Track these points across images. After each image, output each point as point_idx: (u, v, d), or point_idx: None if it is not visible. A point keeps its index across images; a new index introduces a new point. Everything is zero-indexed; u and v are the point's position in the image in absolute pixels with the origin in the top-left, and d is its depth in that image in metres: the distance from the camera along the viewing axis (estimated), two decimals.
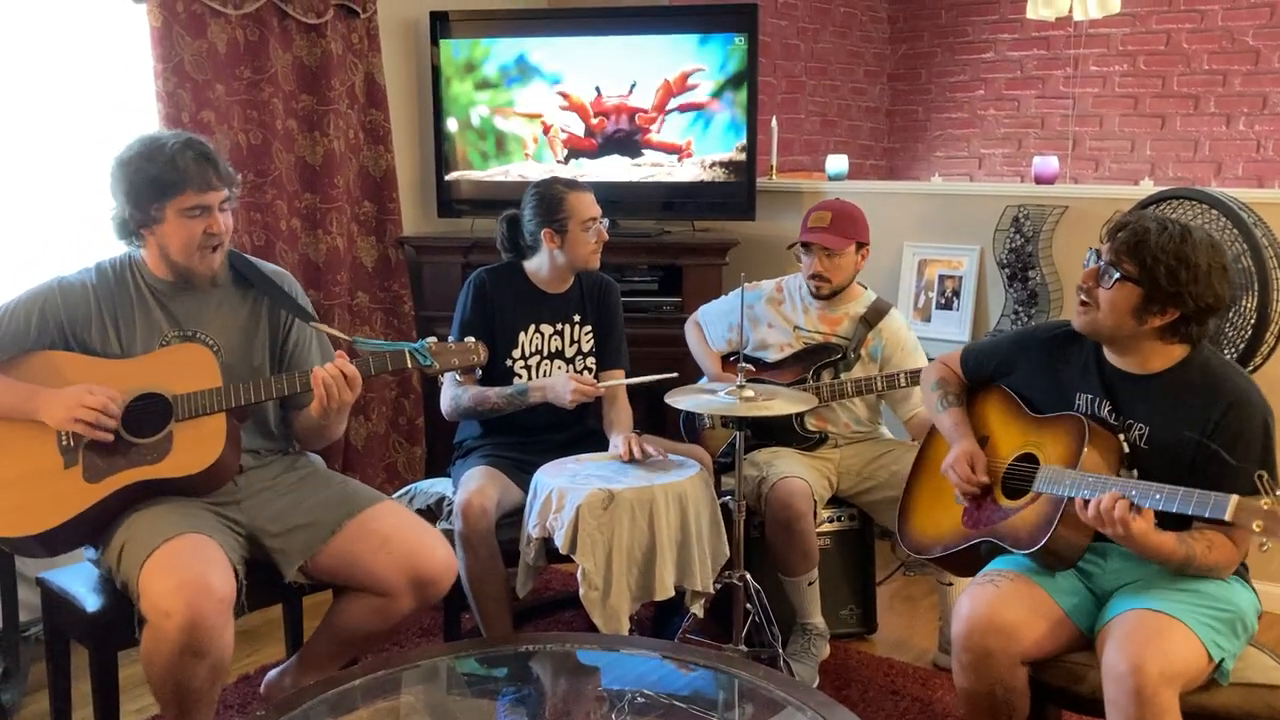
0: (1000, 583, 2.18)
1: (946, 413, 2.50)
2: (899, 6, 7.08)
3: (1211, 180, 5.93)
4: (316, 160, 3.83)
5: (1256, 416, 2.09)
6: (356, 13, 3.87)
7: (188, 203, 2.32)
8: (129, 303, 2.41)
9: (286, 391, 2.38)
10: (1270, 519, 1.83)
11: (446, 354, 2.44)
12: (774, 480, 2.97)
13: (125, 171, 2.33)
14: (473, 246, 4.13)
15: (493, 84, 4.20)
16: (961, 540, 2.36)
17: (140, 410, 2.32)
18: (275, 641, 3.08)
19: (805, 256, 3.16)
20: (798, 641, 3.08)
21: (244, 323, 2.51)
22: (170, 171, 2.29)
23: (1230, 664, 2.04)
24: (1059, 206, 3.72)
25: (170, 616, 2.09)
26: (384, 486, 4.05)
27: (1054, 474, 2.17)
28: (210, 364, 2.37)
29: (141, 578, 2.16)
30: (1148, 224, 2.10)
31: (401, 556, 2.37)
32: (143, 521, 2.27)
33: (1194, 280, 2.05)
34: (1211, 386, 2.11)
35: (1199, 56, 6.00)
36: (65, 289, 2.39)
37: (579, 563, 2.62)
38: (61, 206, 3.27)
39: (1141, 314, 2.10)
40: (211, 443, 2.32)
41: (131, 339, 2.40)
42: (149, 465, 2.30)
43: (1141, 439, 2.18)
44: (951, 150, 6.97)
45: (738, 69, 4.08)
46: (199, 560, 2.17)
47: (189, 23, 3.40)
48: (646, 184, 4.19)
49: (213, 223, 2.36)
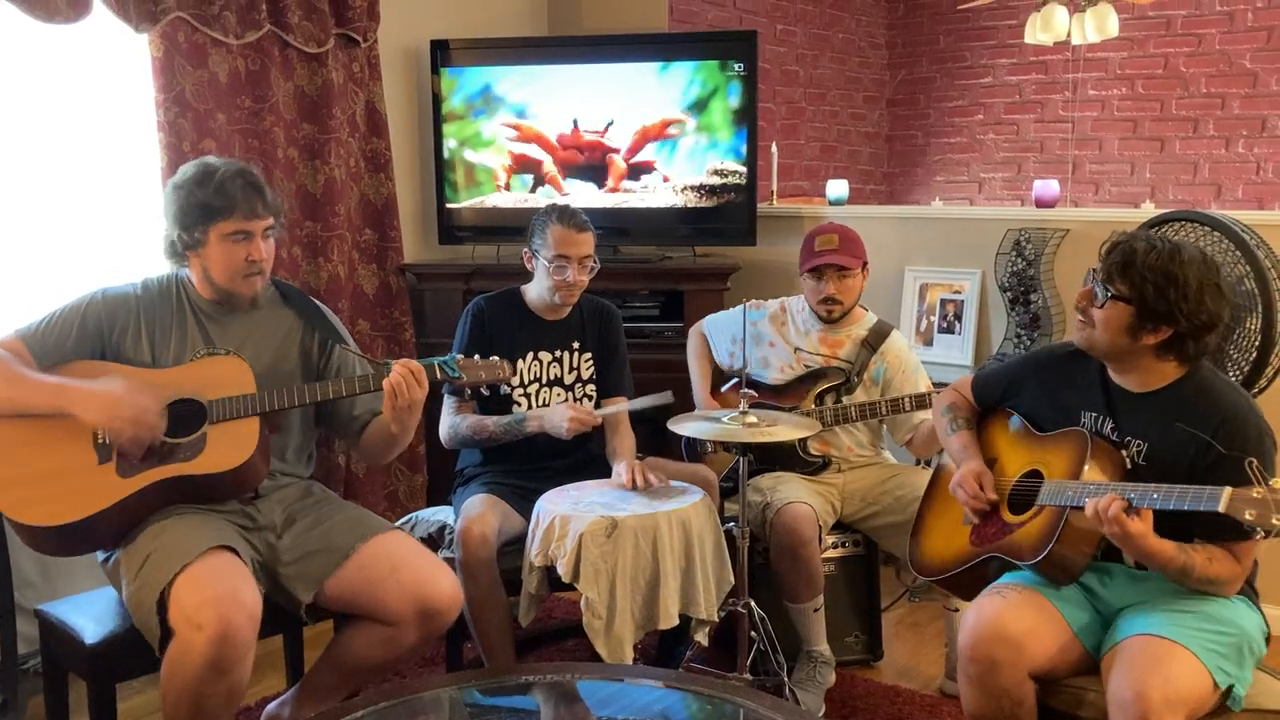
0: (1008, 594, 2.19)
1: (955, 435, 2.52)
2: (897, 33, 7.12)
3: (1212, 202, 5.94)
4: (317, 188, 3.84)
5: (1252, 430, 2.09)
6: (357, 42, 3.89)
7: (231, 227, 2.40)
8: (169, 315, 2.48)
9: (319, 398, 2.46)
10: (1262, 507, 1.84)
11: (474, 368, 2.53)
12: (779, 506, 2.96)
13: (177, 195, 2.42)
14: (474, 273, 4.12)
15: (459, 115, 4.22)
16: (969, 558, 2.37)
17: (176, 413, 2.37)
18: (275, 672, 3.05)
19: (814, 281, 3.15)
20: (803, 669, 3.05)
21: (280, 344, 2.57)
22: (218, 197, 2.38)
23: (1241, 690, 2.03)
24: (1060, 230, 3.72)
25: (202, 629, 2.11)
26: (386, 514, 4.02)
27: (1057, 487, 2.19)
28: (246, 374, 2.43)
29: (174, 589, 2.17)
30: (1137, 244, 2.13)
31: (410, 586, 2.37)
32: (172, 533, 2.29)
33: (1184, 298, 2.07)
34: (1207, 403, 2.12)
35: (1197, 80, 6.02)
36: (109, 298, 2.45)
37: (582, 591, 2.60)
38: (61, 235, 3.27)
39: (1135, 332, 2.12)
40: (244, 443, 2.37)
41: (165, 348, 2.46)
42: (181, 462, 2.34)
43: (1140, 455, 2.19)
44: (951, 174, 6.99)
45: (701, 96, 4.10)
46: (232, 575, 2.21)
47: (190, 52, 3.41)
48: (645, 209, 4.19)
49: (254, 249, 2.44)
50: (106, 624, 2.35)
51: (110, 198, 3.38)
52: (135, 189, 3.40)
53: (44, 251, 3.23)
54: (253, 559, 2.38)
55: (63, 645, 2.41)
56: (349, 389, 2.45)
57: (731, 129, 4.11)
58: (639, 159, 4.17)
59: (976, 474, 2.38)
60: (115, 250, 3.34)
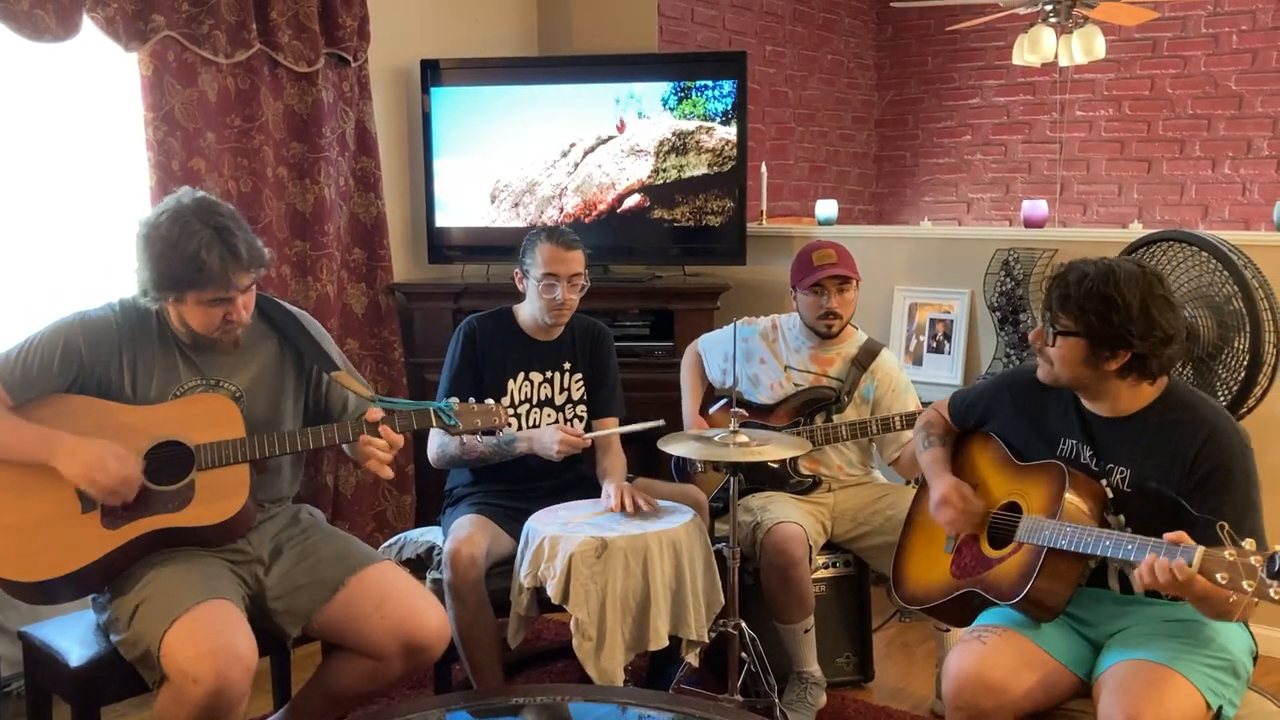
0: (987, 638, 2.16)
1: (927, 452, 2.51)
2: (885, 54, 7.15)
3: (1199, 223, 5.97)
4: (307, 208, 3.83)
5: (1236, 445, 2.08)
6: (348, 61, 3.89)
7: (209, 296, 2.26)
8: (151, 345, 2.36)
9: (311, 446, 2.37)
10: (1233, 570, 1.80)
11: (470, 415, 2.45)
12: (769, 526, 2.94)
13: (149, 250, 2.24)
14: (463, 292, 4.12)
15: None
16: (950, 590, 2.35)
17: (161, 457, 2.29)
18: (263, 694, 3.01)
19: (814, 297, 3.14)
20: (794, 690, 3.04)
21: (270, 369, 2.47)
22: (192, 271, 2.21)
23: (1231, 711, 2.02)
24: (1049, 250, 3.73)
25: (199, 683, 2.06)
26: (374, 535, 4.01)
27: (1034, 524, 2.16)
28: (233, 414, 2.33)
29: (166, 640, 2.12)
30: (1071, 274, 2.13)
31: (395, 621, 2.34)
32: (163, 581, 2.23)
33: (1129, 319, 2.05)
34: (1189, 422, 2.11)
35: (1183, 101, 6.06)
36: (88, 323, 2.32)
37: (572, 613, 2.58)
38: (47, 254, 3.25)
39: (1093, 361, 2.11)
40: (234, 493, 2.29)
41: (147, 384, 2.34)
42: (170, 513, 2.27)
43: (1124, 482, 2.17)
44: (939, 195, 7.01)
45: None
46: (227, 627, 2.15)
47: (180, 71, 3.41)
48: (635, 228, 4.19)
49: (234, 311, 2.30)
50: (91, 646, 2.32)
51: (98, 217, 3.36)
52: (123, 208, 3.38)
53: (30, 270, 3.22)
54: (243, 596, 2.34)
55: (47, 668, 2.38)
56: (341, 436, 2.38)
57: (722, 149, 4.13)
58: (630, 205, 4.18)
59: (955, 487, 2.35)
60: (102, 270, 3.31)
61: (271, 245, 3.69)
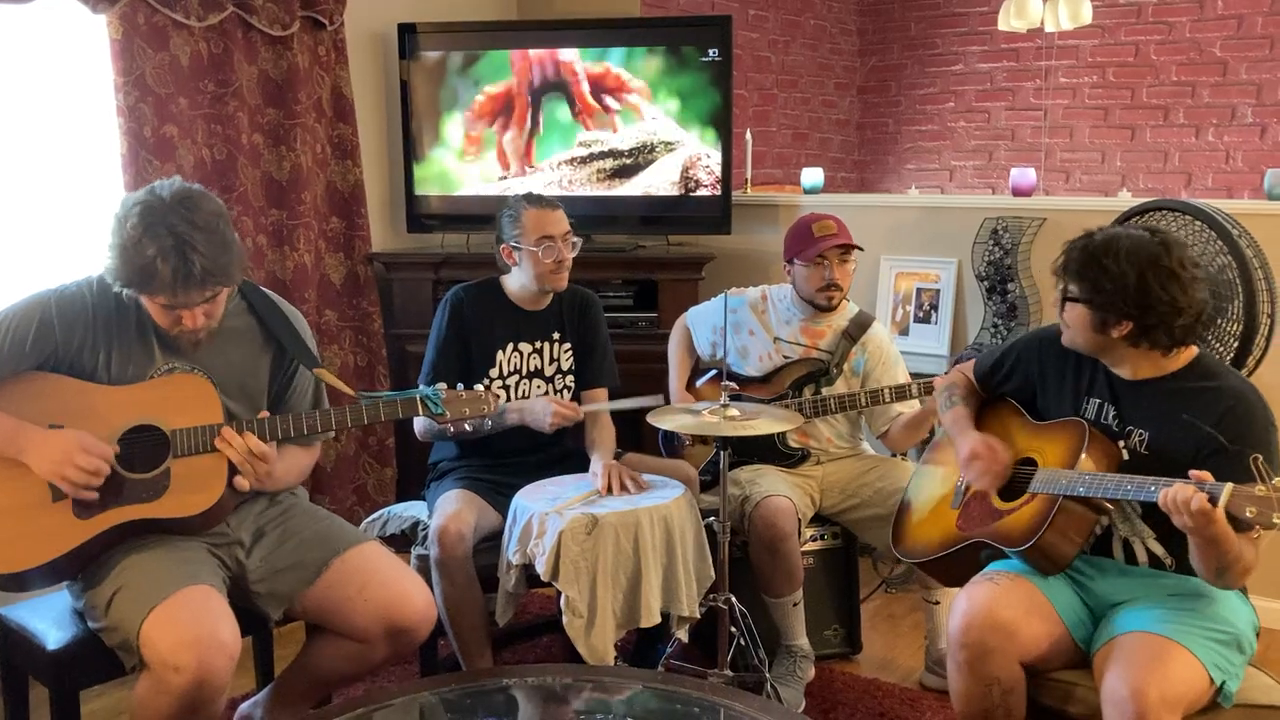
0: (999, 580, 2.18)
1: (950, 411, 2.51)
2: (868, 19, 7.08)
3: (1182, 190, 5.97)
4: (283, 175, 3.74)
5: (1258, 419, 2.08)
6: (323, 25, 3.79)
7: (162, 300, 2.15)
8: (126, 325, 2.25)
9: (293, 434, 2.30)
10: (1264, 504, 1.83)
11: (458, 402, 2.37)
12: (757, 499, 2.91)
13: (113, 238, 2.12)
14: (443, 262, 4.04)
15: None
16: (955, 542, 2.35)
17: (135, 442, 2.21)
18: (245, 672, 2.96)
19: (813, 269, 3.09)
20: (783, 664, 3.02)
21: (248, 357, 2.38)
22: (144, 276, 2.10)
23: (1234, 685, 2.02)
24: (1037, 218, 3.69)
25: (180, 672, 2.01)
26: (354, 509, 3.95)
27: (1050, 475, 2.18)
28: (210, 396, 2.25)
29: (145, 629, 2.05)
30: (1076, 244, 2.18)
31: (379, 604, 2.29)
32: (140, 567, 2.16)
33: (1123, 289, 2.07)
34: (1212, 391, 2.11)
35: (1167, 68, 6.03)
36: (63, 300, 2.21)
37: (562, 590, 2.55)
38: (16, 228, 3.16)
39: (1100, 328, 2.14)
40: (211, 482, 2.22)
41: (124, 365, 2.25)
42: (145, 504, 2.19)
43: (1142, 445, 2.18)
44: (922, 163, 6.97)
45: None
46: (208, 615, 2.08)
47: (150, 35, 3.30)
48: (618, 197, 4.13)
49: (187, 317, 2.17)
50: (68, 629, 2.26)
51: (68, 186, 3.27)
52: (94, 176, 3.29)
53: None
54: (223, 579, 2.28)
55: (23, 651, 2.32)
56: (324, 424, 2.33)
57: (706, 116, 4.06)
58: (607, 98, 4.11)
59: (983, 441, 2.35)
60: (71, 243, 3.22)
61: (247, 214, 3.60)
